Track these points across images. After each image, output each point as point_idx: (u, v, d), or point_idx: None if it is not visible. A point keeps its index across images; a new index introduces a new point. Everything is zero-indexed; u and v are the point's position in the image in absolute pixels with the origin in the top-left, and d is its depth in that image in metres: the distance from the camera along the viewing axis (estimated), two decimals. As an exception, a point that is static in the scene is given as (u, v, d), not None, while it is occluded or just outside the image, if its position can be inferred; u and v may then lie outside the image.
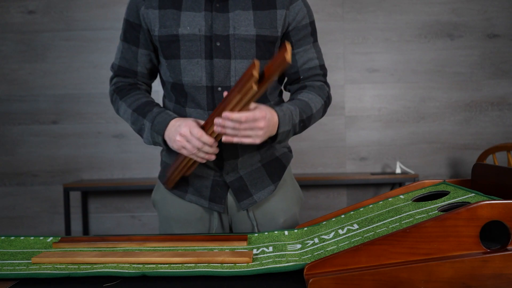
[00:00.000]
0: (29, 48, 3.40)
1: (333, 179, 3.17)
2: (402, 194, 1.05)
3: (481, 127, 3.41)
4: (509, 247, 0.75)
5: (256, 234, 1.07)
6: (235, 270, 0.83)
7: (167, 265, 0.87)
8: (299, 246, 0.95)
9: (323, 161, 3.44)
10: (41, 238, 1.09)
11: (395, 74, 3.41)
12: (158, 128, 1.17)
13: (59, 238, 1.07)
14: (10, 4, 3.39)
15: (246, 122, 1.03)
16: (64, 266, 0.88)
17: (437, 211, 0.85)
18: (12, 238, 1.09)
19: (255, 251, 0.94)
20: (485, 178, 1.00)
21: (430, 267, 0.74)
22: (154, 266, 0.87)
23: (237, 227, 1.33)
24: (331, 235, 0.94)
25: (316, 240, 0.94)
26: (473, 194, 0.88)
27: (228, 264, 0.87)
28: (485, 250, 0.76)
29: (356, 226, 0.93)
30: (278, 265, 0.84)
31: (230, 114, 1.02)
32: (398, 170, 3.22)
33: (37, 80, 3.41)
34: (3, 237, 1.10)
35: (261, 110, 1.06)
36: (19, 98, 3.42)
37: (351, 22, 3.39)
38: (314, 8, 3.35)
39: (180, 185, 1.30)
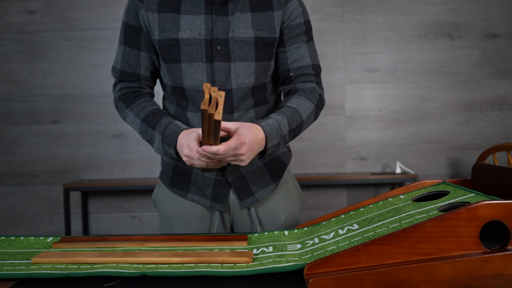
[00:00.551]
0: (29, 48, 3.40)
1: (333, 179, 3.17)
2: (402, 194, 1.05)
3: (481, 127, 3.41)
4: (509, 247, 0.75)
5: (256, 234, 1.07)
6: (235, 270, 0.83)
7: (167, 265, 0.87)
8: (299, 246, 0.95)
9: (323, 161, 3.43)
10: (41, 238, 1.09)
11: (395, 74, 3.41)
12: (169, 141, 1.17)
13: (59, 238, 1.07)
14: (10, 4, 3.39)
15: (225, 152, 1.03)
16: (64, 266, 0.87)
17: (437, 211, 0.85)
18: (12, 238, 1.09)
19: (255, 251, 0.94)
20: (485, 178, 1.00)
21: (430, 267, 0.74)
22: (154, 266, 0.87)
23: (238, 226, 1.33)
24: (331, 235, 0.94)
25: (316, 240, 0.94)
26: (473, 194, 0.88)
27: (228, 264, 0.87)
28: (485, 250, 0.76)
29: (356, 226, 0.93)
30: (278, 265, 0.84)
31: (208, 148, 1.02)
32: (398, 170, 3.22)
33: (37, 80, 3.41)
34: (3, 237, 1.10)
35: (240, 136, 1.05)
36: (19, 98, 3.42)
37: (351, 22, 3.39)
38: (314, 8, 3.36)
39: (181, 184, 1.31)
